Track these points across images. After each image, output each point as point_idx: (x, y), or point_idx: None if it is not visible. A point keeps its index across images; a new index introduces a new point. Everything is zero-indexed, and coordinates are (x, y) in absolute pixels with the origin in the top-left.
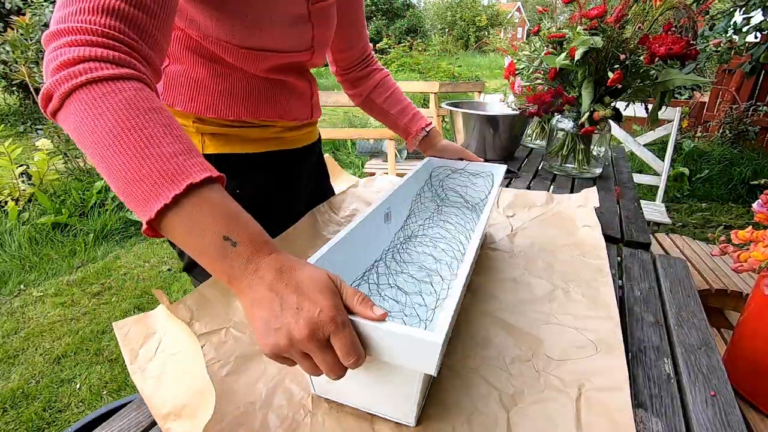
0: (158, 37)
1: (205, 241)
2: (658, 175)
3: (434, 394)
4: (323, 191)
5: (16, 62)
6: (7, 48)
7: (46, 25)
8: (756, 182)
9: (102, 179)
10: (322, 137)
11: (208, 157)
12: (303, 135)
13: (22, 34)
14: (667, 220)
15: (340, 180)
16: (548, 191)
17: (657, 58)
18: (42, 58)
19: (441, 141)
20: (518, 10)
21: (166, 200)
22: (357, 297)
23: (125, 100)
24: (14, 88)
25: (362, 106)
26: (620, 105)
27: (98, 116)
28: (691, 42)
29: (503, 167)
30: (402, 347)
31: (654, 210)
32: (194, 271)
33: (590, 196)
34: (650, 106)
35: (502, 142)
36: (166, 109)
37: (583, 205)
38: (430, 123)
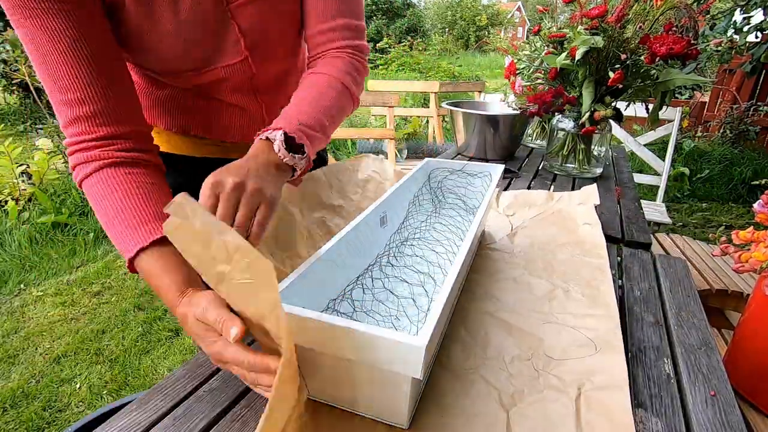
0: (116, 105)
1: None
2: (659, 174)
3: (433, 394)
4: None
5: (17, 61)
6: (8, 47)
7: None
8: (756, 182)
9: None
10: None
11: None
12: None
13: None
14: (668, 220)
15: None
16: (549, 191)
17: (658, 58)
18: None
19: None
20: (518, 9)
21: (130, 254)
22: (219, 324)
23: (94, 195)
24: (14, 88)
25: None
26: (621, 105)
27: (90, 200)
28: (692, 42)
29: (501, 167)
30: (388, 351)
31: (654, 210)
32: None
33: (591, 193)
34: (651, 106)
35: (503, 141)
36: (122, 188)
37: (584, 203)
38: (278, 129)
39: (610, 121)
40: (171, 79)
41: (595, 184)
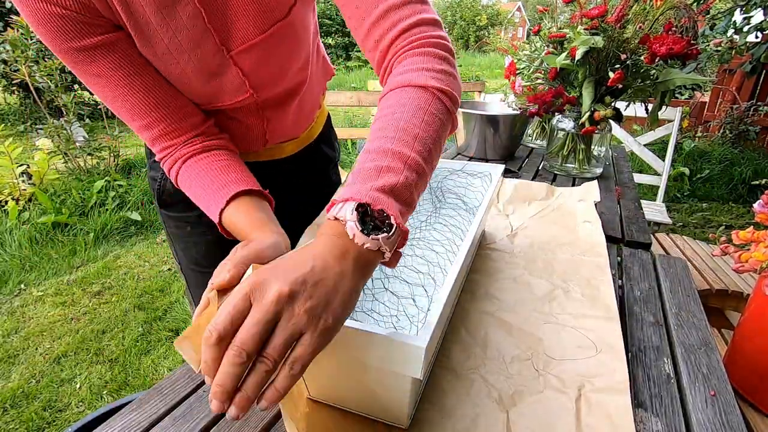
0: (175, 115)
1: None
2: (659, 174)
3: (433, 394)
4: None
5: (17, 61)
6: (7, 47)
7: None
8: (756, 182)
9: (102, 179)
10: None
11: None
12: (262, 153)
13: (22, 34)
14: (668, 220)
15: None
16: (549, 184)
17: (658, 58)
18: (42, 58)
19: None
20: (518, 9)
21: (216, 219)
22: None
23: (184, 184)
24: (14, 88)
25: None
26: (621, 105)
27: (185, 190)
28: (692, 42)
29: (501, 167)
30: (388, 351)
31: (654, 210)
32: (186, 274)
33: (591, 189)
34: (650, 106)
35: (503, 141)
36: (201, 170)
37: (584, 199)
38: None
39: (610, 121)
40: None
41: (595, 181)
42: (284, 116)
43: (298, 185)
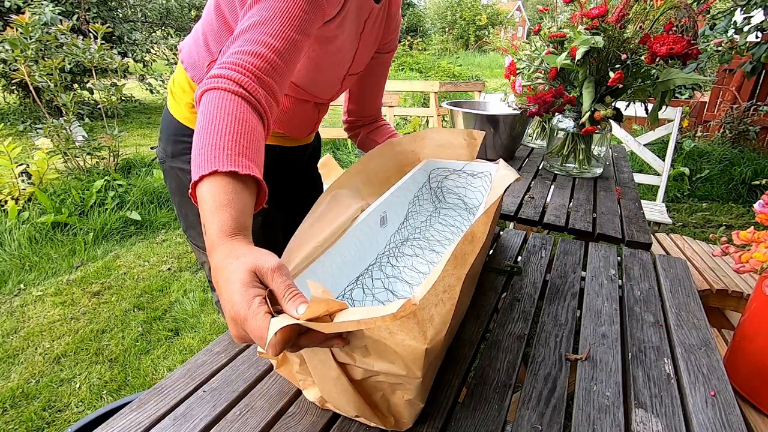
0: (284, 78)
1: (204, 215)
2: (659, 174)
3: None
4: (313, 178)
5: (16, 61)
6: (7, 47)
7: (46, 24)
8: (756, 182)
9: (102, 178)
10: (323, 137)
11: None
12: (301, 140)
13: (21, 33)
14: (668, 220)
15: None
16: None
17: (658, 58)
18: (41, 57)
19: None
20: (518, 9)
21: (203, 172)
22: (287, 293)
23: (221, 105)
24: (14, 87)
25: (360, 145)
26: (621, 105)
27: (204, 112)
28: (692, 41)
29: (501, 164)
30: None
31: (654, 210)
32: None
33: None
34: (650, 106)
35: (503, 141)
36: (248, 121)
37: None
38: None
39: (611, 120)
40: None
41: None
42: (325, 112)
43: (300, 171)
